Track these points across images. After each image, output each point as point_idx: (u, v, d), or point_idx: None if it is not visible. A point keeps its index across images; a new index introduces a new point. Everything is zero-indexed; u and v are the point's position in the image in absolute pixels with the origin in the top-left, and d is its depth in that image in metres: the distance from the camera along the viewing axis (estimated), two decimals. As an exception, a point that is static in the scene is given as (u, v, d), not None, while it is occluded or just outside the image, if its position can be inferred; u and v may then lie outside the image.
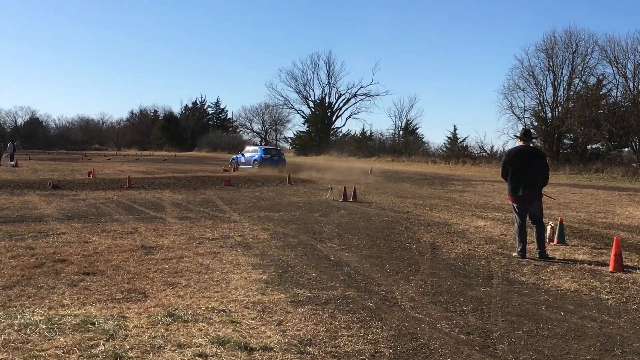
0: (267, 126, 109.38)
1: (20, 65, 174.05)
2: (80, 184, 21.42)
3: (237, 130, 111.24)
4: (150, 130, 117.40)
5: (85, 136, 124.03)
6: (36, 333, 4.99)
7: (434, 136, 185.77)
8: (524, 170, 9.09)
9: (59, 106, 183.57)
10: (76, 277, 7.09)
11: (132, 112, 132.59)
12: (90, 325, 5.19)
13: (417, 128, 72.93)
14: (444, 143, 60.78)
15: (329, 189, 18.84)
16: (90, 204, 15.24)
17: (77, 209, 14.10)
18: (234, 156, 41.13)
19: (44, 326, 5.15)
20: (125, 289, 6.55)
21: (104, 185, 21.30)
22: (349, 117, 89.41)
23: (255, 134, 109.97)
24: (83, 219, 12.36)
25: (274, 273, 7.56)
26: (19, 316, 5.44)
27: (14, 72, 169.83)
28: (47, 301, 6.02)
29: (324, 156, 68.01)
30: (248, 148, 40.89)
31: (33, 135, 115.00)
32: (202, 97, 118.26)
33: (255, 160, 37.24)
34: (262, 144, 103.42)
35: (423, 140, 68.55)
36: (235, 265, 7.94)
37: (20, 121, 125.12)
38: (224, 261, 8.21)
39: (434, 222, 12.97)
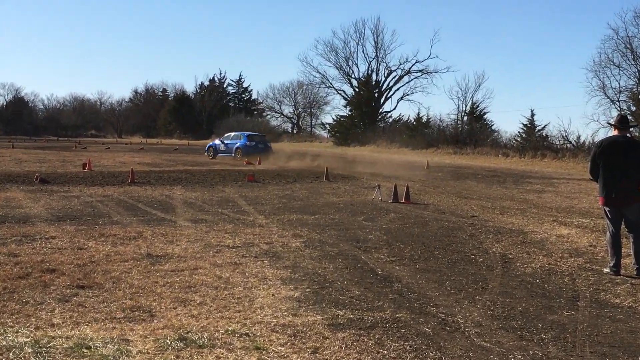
0: (300, 109, 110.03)
1: (1, 35, 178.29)
2: (73, 178, 21.82)
3: (264, 114, 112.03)
4: (157, 113, 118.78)
5: (79, 119, 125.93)
6: (21, 358, 5.08)
7: (506, 123, 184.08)
8: (620, 166, 8.92)
9: (49, 84, 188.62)
10: (68, 290, 7.21)
11: (136, 92, 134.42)
12: (85, 350, 5.27)
13: (485, 113, 72.10)
14: (519, 132, 60.09)
15: (376, 187, 18.80)
16: (85, 202, 15.49)
17: (70, 208, 14.35)
18: (211, 143, 44.36)
19: (30, 350, 5.25)
20: (128, 306, 6.64)
21: (102, 179, 21.65)
22: (401, 98, 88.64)
23: (285, 118, 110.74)
24: (77, 220, 12.56)
25: (308, 289, 7.57)
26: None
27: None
28: (33, 319, 6.13)
29: (370, 147, 67.89)
30: (229, 134, 44.25)
31: (17, 118, 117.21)
32: (221, 74, 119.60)
33: (238, 147, 41.05)
34: (295, 130, 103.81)
35: (492, 128, 67.84)
36: (261, 280, 7.99)
37: (1, 101, 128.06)
38: (247, 274, 8.26)
39: (506, 230, 12.85)
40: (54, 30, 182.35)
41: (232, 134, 43.91)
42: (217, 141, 42.99)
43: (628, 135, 9.23)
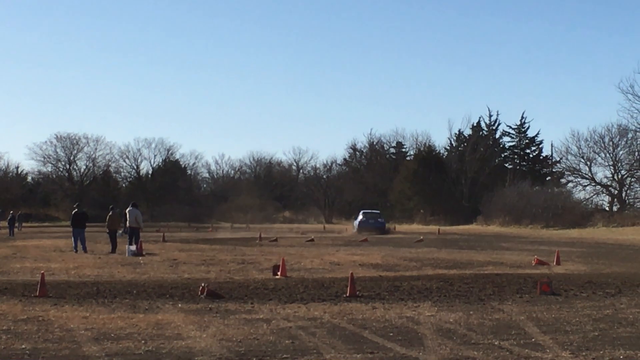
0: (622, 172, 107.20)
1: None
2: (259, 290, 22.59)
3: (563, 179, 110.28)
4: (389, 182, 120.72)
5: (254, 192, 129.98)
6: None
7: None
8: None
9: (217, 141, 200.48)
10: None
11: (354, 148, 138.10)
12: None
13: None
14: None
15: None
16: (279, 329, 15.87)
17: (256, 339, 14.73)
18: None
19: None
20: None
21: (304, 292, 22.24)
22: None
23: (599, 187, 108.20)
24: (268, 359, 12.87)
25: None
26: None
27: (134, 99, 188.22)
28: None
29: None
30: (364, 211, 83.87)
31: (169, 192, 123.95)
32: (490, 116, 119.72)
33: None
34: (614, 206, 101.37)
35: None
36: None
37: (145, 167, 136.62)
38: None
39: None
40: (221, 67, 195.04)
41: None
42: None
43: None
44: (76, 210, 42.69)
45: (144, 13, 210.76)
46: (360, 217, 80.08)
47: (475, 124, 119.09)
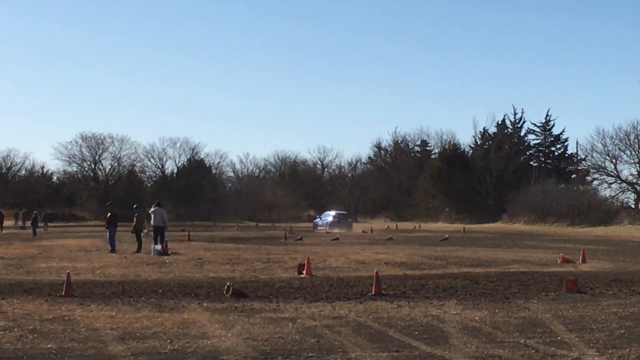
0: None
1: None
2: (284, 289, 22.54)
3: (588, 177, 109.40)
4: (414, 181, 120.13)
5: (289, 191, 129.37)
6: None
7: None
8: None
9: (241, 140, 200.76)
10: None
11: (378, 147, 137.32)
12: None
13: None
14: None
15: None
16: (305, 328, 15.83)
17: (282, 338, 14.70)
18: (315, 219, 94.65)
19: None
20: None
21: (329, 290, 22.19)
22: None
23: (624, 185, 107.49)
24: (293, 358, 12.85)
25: None
26: None
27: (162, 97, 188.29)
28: None
29: None
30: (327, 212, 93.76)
31: (195, 192, 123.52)
32: (515, 114, 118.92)
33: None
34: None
35: None
36: None
37: (170, 166, 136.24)
38: None
39: None
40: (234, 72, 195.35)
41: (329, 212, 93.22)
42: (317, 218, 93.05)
43: None
44: (112, 210, 42.50)
45: (168, 13, 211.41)
46: (331, 218, 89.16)
47: (500, 122, 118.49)
